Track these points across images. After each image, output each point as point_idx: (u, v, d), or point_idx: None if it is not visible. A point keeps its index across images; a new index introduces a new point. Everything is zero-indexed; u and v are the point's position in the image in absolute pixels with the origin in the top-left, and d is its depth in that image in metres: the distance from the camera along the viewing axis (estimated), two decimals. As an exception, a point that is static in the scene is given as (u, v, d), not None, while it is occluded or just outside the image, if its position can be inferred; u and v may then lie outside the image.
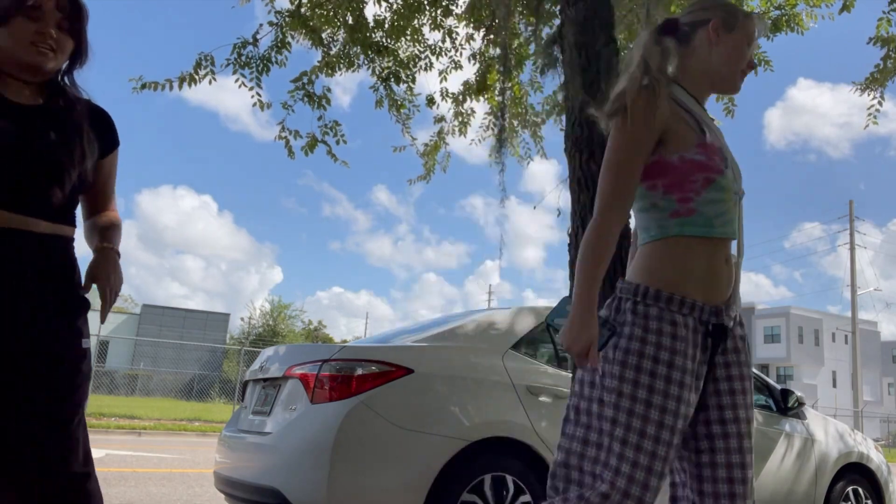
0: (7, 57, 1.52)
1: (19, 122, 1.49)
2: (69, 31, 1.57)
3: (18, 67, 1.53)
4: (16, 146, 1.46)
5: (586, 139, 2.97)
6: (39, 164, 1.48)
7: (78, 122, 1.57)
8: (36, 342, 1.44)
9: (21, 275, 1.45)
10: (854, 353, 25.90)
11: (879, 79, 4.80)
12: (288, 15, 4.87)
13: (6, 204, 1.44)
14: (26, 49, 1.50)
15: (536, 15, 4.79)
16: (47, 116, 1.54)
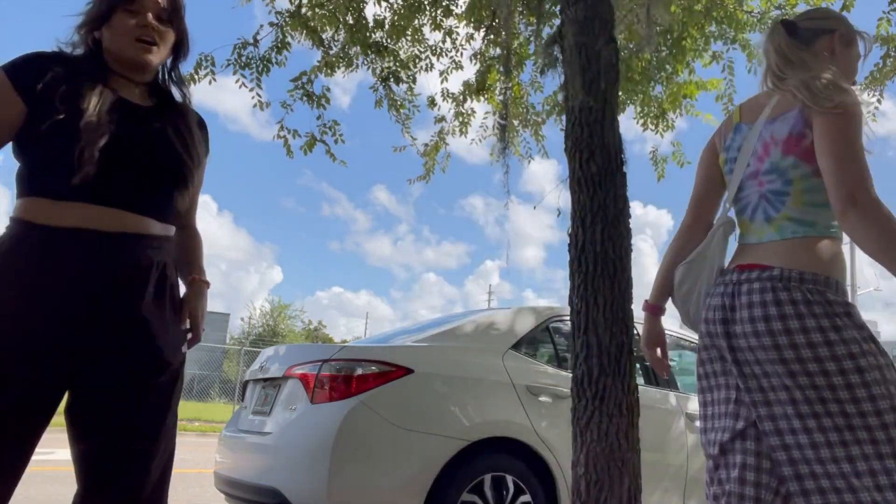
0: (115, 57, 1.51)
1: (141, 124, 1.47)
2: (169, 21, 1.54)
3: (126, 66, 1.51)
4: (141, 147, 1.44)
5: (586, 139, 2.96)
6: (162, 167, 1.47)
7: (190, 125, 1.56)
8: (155, 351, 1.44)
9: (143, 280, 1.43)
10: (854, 353, 25.84)
11: (879, 78, 4.81)
12: (288, 15, 4.87)
13: (128, 205, 1.43)
14: (130, 45, 1.48)
15: (537, 15, 4.79)
16: (163, 118, 1.52)
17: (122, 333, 1.39)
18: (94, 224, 1.37)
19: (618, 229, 2.90)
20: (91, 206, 1.37)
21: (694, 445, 3.85)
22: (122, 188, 1.41)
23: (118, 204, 1.40)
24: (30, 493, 4.67)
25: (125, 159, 1.41)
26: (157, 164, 1.46)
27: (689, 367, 4.95)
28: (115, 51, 1.49)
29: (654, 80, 5.49)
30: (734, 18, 5.18)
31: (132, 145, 1.43)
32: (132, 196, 1.43)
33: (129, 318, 1.40)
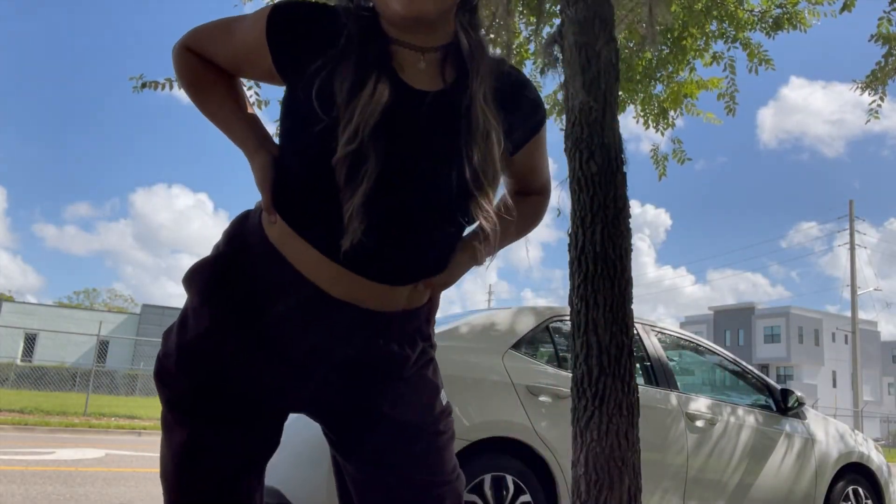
0: (382, 14, 1.03)
1: (419, 124, 1.01)
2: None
3: (399, 26, 1.02)
4: (407, 170, 0.99)
5: (586, 139, 2.96)
6: (429, 208, 1.01)
7: (490, 117, 1.03)
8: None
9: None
10: (854, 353, 25.89)
11: (881, 77, 4.80)
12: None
13: (397, 278, 1.04)
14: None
15: (537, 15, 4.79)
16: (448, 109, 1.02)
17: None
18: (324, 284, 1.01)
19: (617, 229, 2.90)
20: (325, 260, 1.01)
21: (694, 445, 3.85)
22: (377, 250, 1.00)
23: (363, 271, 1.01)
24: (30, 493, 4.67)
25: (385, 209, 0.98)
26: (428, 205, 1.01)
27: (690, 367, 4.95)
28: (380, 5, 1.02)
29: (654, 79, 5.49)
30: (735, 17, 5.18)
31: (397, 181, 0.98)
32: (387, 263, 1.02)
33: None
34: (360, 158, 0.94)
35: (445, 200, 1.00)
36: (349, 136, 0.94)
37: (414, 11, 0.97)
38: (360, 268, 1.00)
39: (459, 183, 0.99)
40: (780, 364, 45.69)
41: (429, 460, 1.08)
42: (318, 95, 0.97)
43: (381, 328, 1.05)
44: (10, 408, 12.34)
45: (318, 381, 1.07)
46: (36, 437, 9.31)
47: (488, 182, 1.01)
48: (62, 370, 23.50)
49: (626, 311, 2.85)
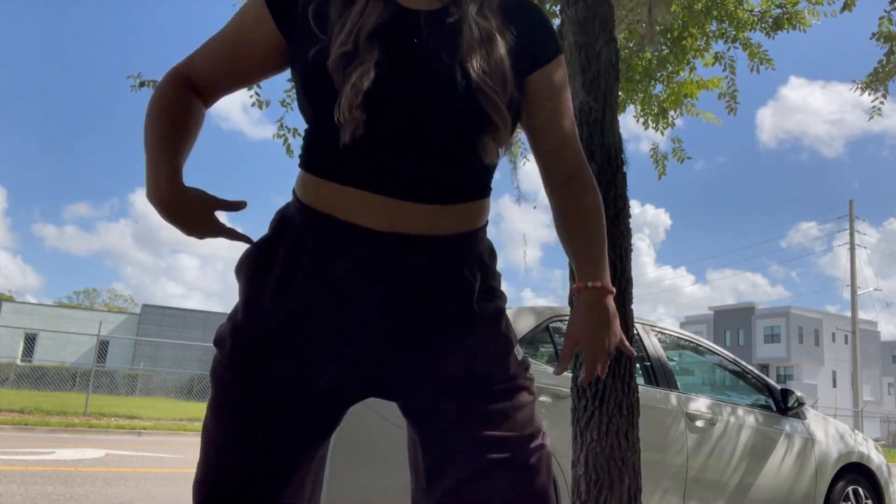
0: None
1: (412, 47, 0.97)
2: None
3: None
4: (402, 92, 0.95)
5: (586, 139, 2.96)
6: (438, 116, 0.95)
7: (487, 27, 1.00)
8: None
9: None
10: (854, 353, 25.89)
11: (882, 77, 4.80)
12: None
13: (406, 192, 0.97)
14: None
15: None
16: (444, 24, 0.99)
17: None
18: (363, 220, 0.97)
19: (618, 229, 2.90)
20: (357, 193, 0.97)
21: (694, 445, 3.85)
22: (397, 165, 0.96)
23: (392, 191, 0.96)
24: (30, 493, 4.67)
25: (392, 116, 0.95)
26: (435, 112, 0.95)
27: (689, 367, 4.95)
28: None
29: (654, 79, 5.49)
30: (735, 17, 5.18)
31: (399, 88, 0.94)
32: (412, 176, 0.97)
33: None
34: (354, 57, 0.93)
35: (453, 108, 0.96)
36: (342, 39, 0.95)
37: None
38: (393, 188, 0.96)
39: (466, 92, 0.95)
40: (780, 364, 45.69)
41: (508, 421, 0.99)
42: (315, 16, 0.99)
43: (435, 252, 0.99)
44: (10, 408, 12.34)
45: (383, 336, 0.99)
46: (36, 437, 9.31)
47: (496, 85, 0.96)
48: (62, 370, 23.50)
49: (627, 311, 2.85)
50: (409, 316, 0.99)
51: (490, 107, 0.95)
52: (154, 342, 28.20)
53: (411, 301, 0.98)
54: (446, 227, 1.00)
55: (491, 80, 0.96)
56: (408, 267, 0.98)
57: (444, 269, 1.00)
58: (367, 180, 0.96)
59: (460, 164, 1.00)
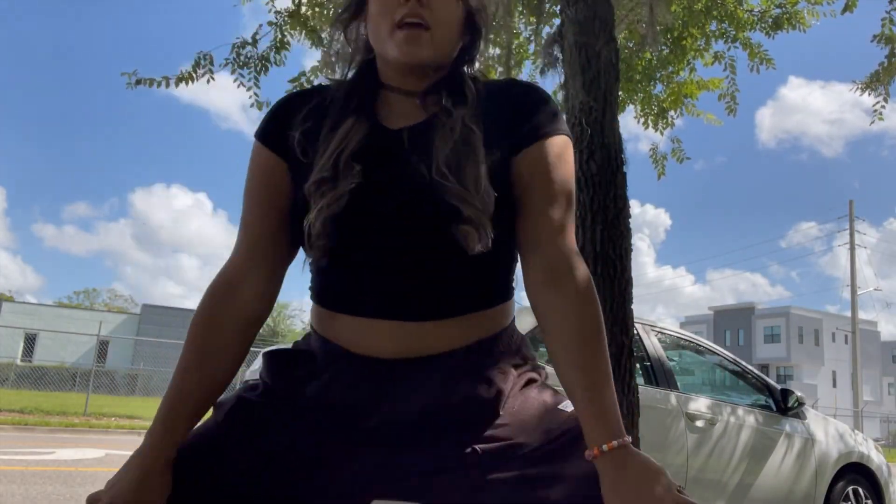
0: (382, 61, 1.02)
1: (391, 161, 0.94)
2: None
3: (398, 72, 1.00)
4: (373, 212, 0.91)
5: (586, 139, 2.96)
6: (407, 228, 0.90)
7: (465, 125, 0.94)
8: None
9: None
10: (854, 353, 25.90)
11: (883, 78, 4.80)
12: (287, 15, 4.86)
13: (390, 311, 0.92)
14: (389, 36, 0.95)
15: (537, 15, 4.79)
16: (426, 135, 0.95)
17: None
18: (352, 345, 0.93)
19: (617, 229, 2.90)
20: (345, 318, 0.94)
21: (694, 445, 3.85)
22: (378, 286, 0.92)
23: (378, 313, 0.91)
24: (30, 493, 4.67)
25: (363, 239, 0.91)
26: (405, 224, 0.90)
27: (689, 367, 4.95)
28: (378, 51, 1.00)
29: (654, 79, 5.49)
30: (735, 17, 5.18)
31: (370, 209, 0.91)
32: (395, 296, 0.92)
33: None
34: (331, 182, 0.90)
35: (427, 219, 0.89)
36: (321, 164, 0.92)
37: (410, 58, 0.96)
38: (369, 310, 0.92)
39: (430, 193, 0.88)
40: (780, 364, 45.69)
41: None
42: (300, 141, 0.97)
43: (435, 372, 0.90)
44: (10, 408, 12.34)
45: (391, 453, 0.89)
46: (36, 437, 9.31)
47: (465, 180, 0.89)
48: (62, 370, 23.50)
49: (626, 311, 2.85)
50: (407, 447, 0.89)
51: (455, 199, 0.87)
52: (154, 342, 28.19)
53: (410, 431, 0.89)
54: (447, 344, 0.92)
55: (456, 176, 0.89)
56: (404, 391, 0.90)
57: (447, 387, 0.90)
58: (354, 305, 0.92)
59: (445, 272, 0.91)
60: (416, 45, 0.95)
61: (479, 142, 0.93)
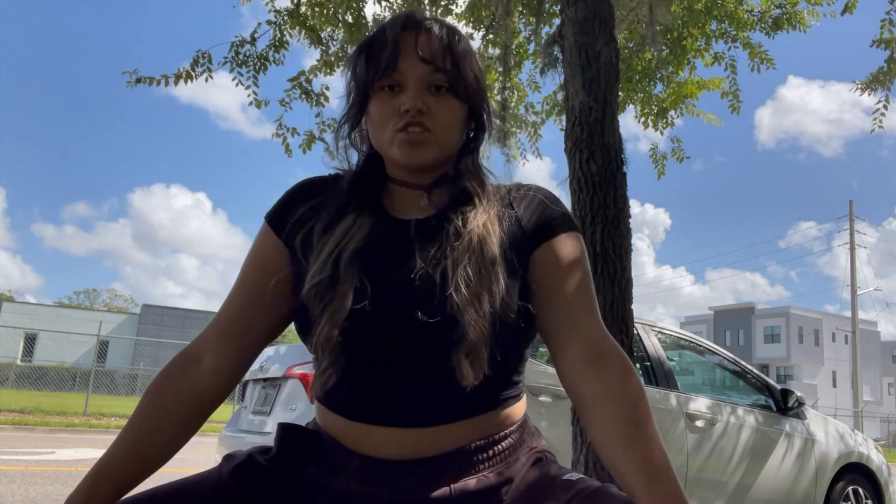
0: (386, 159, 1.01)
1: (399, 249, 0.92)
2: (449, 88, 0.96)
3: (397, 168, 1.00)
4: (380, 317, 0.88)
5: (586, 139, 2.96)
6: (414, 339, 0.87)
7: (477, 227, 0.92)
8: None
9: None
10: (854, 353, 25.90)
11: (882, 80, 4.79)
12: (287, 14, 4.86)
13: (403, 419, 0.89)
14: (391, 140, 0.95)
15: (537, 15, 4.79)
16: (434, 232, 0.93)
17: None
18: (356, 446, 0.91)
19: (618, 229, 2.90)
20: (349, 421, 0.92)
21: (694, 445, 3.85)
22: (379, 395, 0.90)
23: (404, 420, 0.89)
24: (29, 493, 4.67)
25: (368, 346, 0.88)
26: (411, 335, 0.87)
27: (689, 367, 4.95)
28: (380, 151, 1.00)
29: (654, 79, 5.49)
30: (735, 17, 5.18)
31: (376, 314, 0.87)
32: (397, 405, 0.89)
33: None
34: (330, 287, 0.87)
35: (437, 322, 0.85)
36: (318, 266, 0.89)
37: (414, 161, 0.96)
38: (374, 418, 0.89)
39: (442, 307, 0.85)
40: (780, 364, 45.69)
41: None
42: (302, 242, 0.95)
43: (442, 469, 0.88)
44: (10, 408, 12.34)
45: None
46: (36, 437, 9.31)
47: (477, 293, 0.86)
48: (62, 370, 23.51)
49: (627, 311, 2.85)
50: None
51: (467, 324, 0.84)
52: (154, 342, 28.20)
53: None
54: (457, 444, 0.89)
55: (474, 291, 0.86)
56: (409, 486, 0.88)
57: (454, 482, 0.88)
58: (359, 413, 0.90)
59: (454, 380, 0.87)
60: (419, 149, 0.95)
61: (496, 250, 0.91)
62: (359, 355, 0.88)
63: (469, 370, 0.85)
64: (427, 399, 0.89)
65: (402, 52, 0.95)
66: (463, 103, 0.98)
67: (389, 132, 0.95)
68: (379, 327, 0.87)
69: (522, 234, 0.96)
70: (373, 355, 0.88)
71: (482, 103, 1.02)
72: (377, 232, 0.94)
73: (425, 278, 0.88)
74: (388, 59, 0.95)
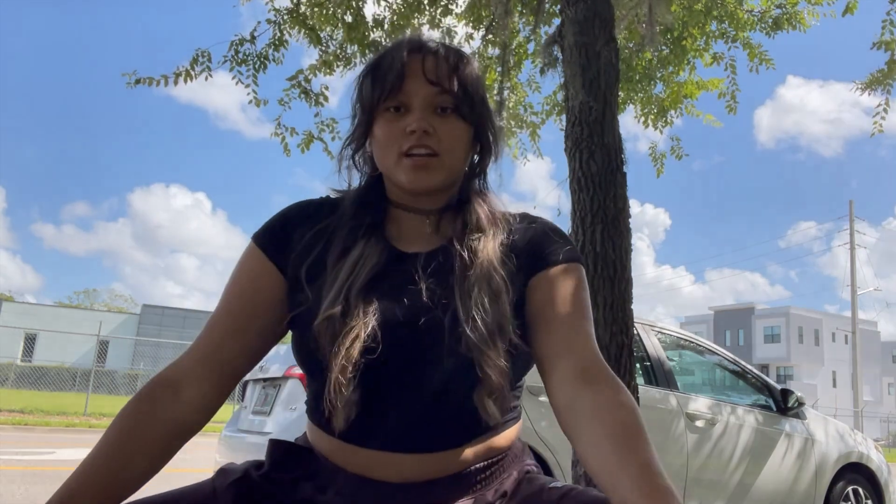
0: (391, 182, 1.00)
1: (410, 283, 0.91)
2: (455, 109, 0.96)
3: (402, 192, 0.99)
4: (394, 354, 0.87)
5: (586, 139, 2.96)
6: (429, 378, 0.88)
7: (485, 259, 0.93)
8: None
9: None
10: (854, 353, 25.90)
11: (882, 81, 4.78)
12: (286, 13, 4.86)
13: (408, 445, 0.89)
14: (397, 163, 0.94)
15: (536, 15, 4.79)
16: (443, 264, 0.93)
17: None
18: (371, 472, 0.89)
19: (617, 229, 2.90)
20: (346, 445, 0.91)
21: (694, 445, 3.85)
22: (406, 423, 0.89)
23: (410, 446, 0.89)
24: (30, 493, 4.67)
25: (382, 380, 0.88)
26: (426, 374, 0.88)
27: (689, 367, 4.95)
28: (385, 174, 0.99)
29: (654, 79, 5.49)
30: (735, 17, 5.18)
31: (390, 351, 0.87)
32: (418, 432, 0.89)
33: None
34: (343, 321, 0.85)
35: (447, 356, 0.86)
36: (332, 298, 0.87)
37: (420, 185, 0.95)
38: (375, 444, 0.89)
39: (459, 348, 0.86)
40: (780, 364, 45.69)
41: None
42: (308, 271, 0.92)
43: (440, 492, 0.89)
44: (10, 408, 12.34)
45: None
46: (36, 437, 9.31)
47: (491, 330, 0.87)
48: (62, 370, 23.51)
49: (626, 310, 2.85)
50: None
51: (487, 364, 0.85)
52: (154, 342, 28.21)
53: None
54: (456, 468, 0.90)
55: (489, 329, 0.87)
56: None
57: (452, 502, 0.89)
58: (360, 438, 0.89)
59: (459, 409, 0.89)
60: (425, 173, 0.94)
61: (502, 283, 0.91)
62: (369, 390, 0.87)
63: (495, 410, 0.86)
64: (435, 428, 0.89)
65: (409, 73, 0.95)
66: (469, 126, 0.98)
67: (395, 154, 0.94)
68: (391, 368, 0.87)
69: (523, 262, 0.96)
70: (382, 390, 0.87)
71: (488, 125, 1.01)
72: (385, 265, 0.92)
73: (436, 319, 0.87)
74: (394, 79, 0.94)
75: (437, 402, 0.88)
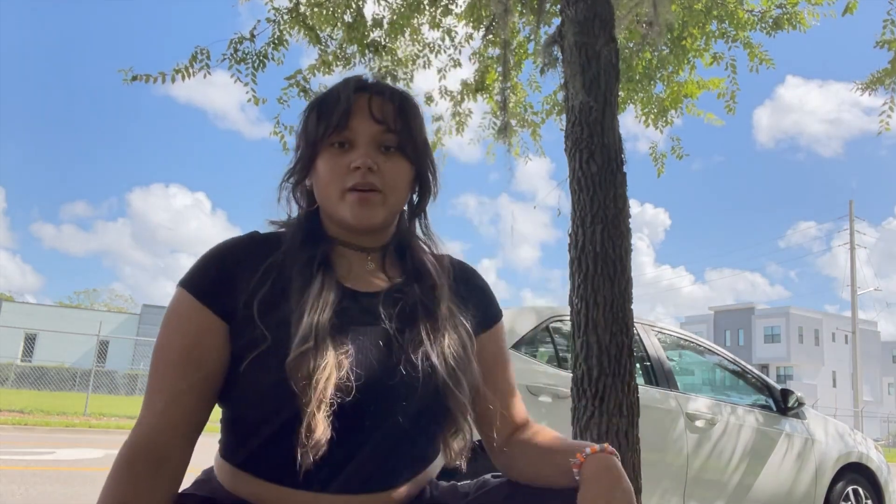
0: (332, 220, 1.01)
1: (369, 326, 0.93)
2: (399, 148, 0.98)
3: (342, 228, 1.00)
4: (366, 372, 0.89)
5: (586, 139, 2.96)
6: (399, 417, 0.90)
7: (447, 306, 0.98)
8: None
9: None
10: (854, 353, 25.90)
11: (885, 80, 4.78)
12: (286, 12, 4.85)
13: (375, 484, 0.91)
14: (339, 199, 0.96)
15: (536, 15, 4.79)
16: (401, 307, 0.96)
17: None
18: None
19: (617, 229, 2.90)
20: (280, 488, 0.89)
21: (694, 445, 3.85)
22: (365, 464, 0.89)
23: (364, 487, 0.90)
24: (29, 493, 4.67)
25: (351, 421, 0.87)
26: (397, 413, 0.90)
27: (689, 367, 4.95)
28: (326, 210, 1.00)
29: (654, 79, 5.49)
30: (735, 17, 5.18)
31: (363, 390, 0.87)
32: (376, 472, 0.91)
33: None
34: (314, 360, 0.84)
35: (413, 396, 0.89)
36: (302, 335, 0.85)
37: (363, 221, 0.96)
38: (316, 485, 0.87)
39: (433, 378, 0.90)
40: (780, 364, 45.70)
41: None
42: (259, 309, 0.90)
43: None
44: (10, 408, 12.34)
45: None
46: (36, 437, 9.31)
47: (461, 373, 0.92)
48: (62, 370, 23.50)
49: (626, 310, 2.85)
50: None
51: (456, 405, 0.91)
52: (154, 342, 28.14)
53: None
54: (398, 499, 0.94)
55: (460, 372, 0.92)
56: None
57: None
58: (305, 481, 0.86)
59: (410, 450, 0.93)
60: (368, 209, 0.96)
61: (467, 331, 0.99)
62: (343, 430, 0.86)
63: (458, 449, 0.95)
64: (386, 466, 0.91)
65: (355, 110, 0.97)
66: (411, 165, 1.01)
67: (338, 190, 0.96)
68: (364, 407, 0.87)
69: (472, 314, 1.02)
70: (355, 429, 0.87)
71: (428, 165, 1.04)
72: (344, 303, 0.93)
73: (411, 362, 0.90)
74: (339, 116, 0.96)
75: (403, 441, 0.91)
